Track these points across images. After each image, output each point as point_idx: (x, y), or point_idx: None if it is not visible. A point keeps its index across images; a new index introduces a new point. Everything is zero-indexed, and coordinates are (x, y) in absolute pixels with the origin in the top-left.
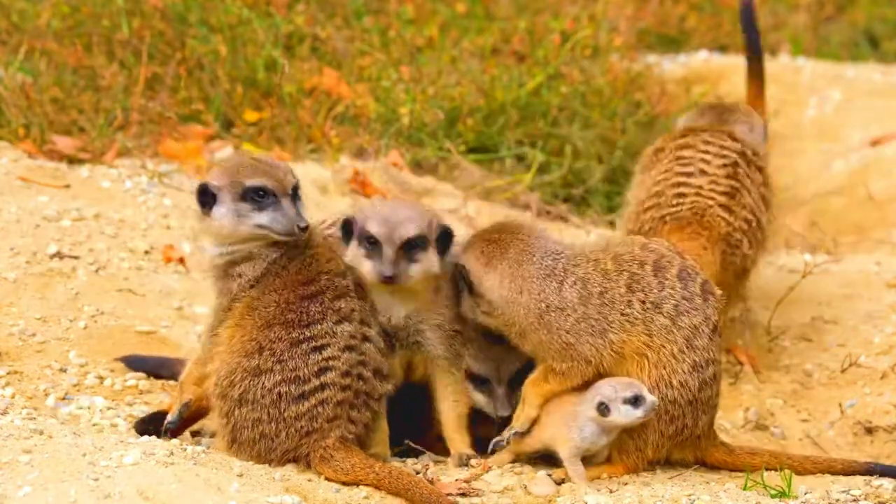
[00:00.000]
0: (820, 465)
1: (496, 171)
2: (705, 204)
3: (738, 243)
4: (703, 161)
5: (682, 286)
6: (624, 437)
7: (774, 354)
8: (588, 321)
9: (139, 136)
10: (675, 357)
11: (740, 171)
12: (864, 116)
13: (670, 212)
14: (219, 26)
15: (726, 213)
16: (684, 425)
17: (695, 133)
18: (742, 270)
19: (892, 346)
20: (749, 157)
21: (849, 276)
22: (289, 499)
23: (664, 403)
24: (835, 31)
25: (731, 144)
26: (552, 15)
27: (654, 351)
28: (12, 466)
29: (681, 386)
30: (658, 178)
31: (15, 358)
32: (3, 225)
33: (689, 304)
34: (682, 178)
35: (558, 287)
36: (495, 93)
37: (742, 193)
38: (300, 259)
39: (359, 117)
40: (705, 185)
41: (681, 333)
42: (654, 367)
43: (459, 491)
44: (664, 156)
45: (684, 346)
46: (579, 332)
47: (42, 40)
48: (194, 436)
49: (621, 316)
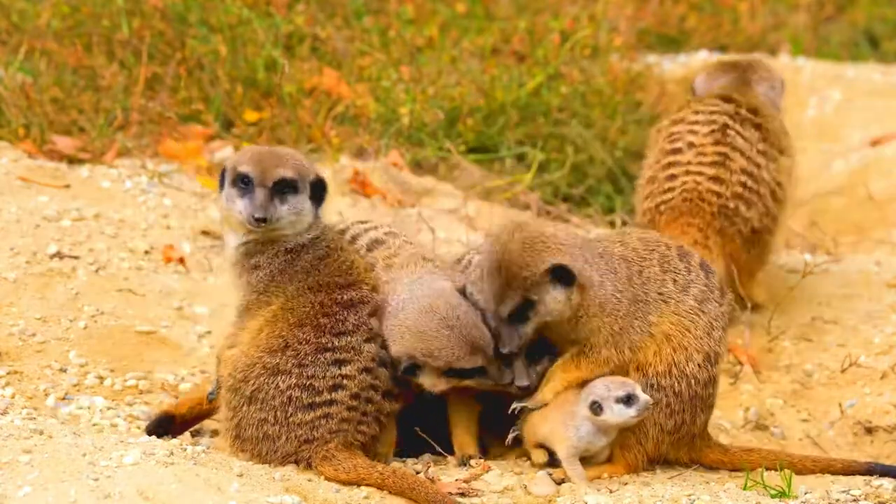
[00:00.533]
0: (819, 464)
1: (496, 171)
2: (694, 183)
3: (735, 211)
4: (691, 133)
5: (705, 276)
6: (625, 433)
7: (774, 354)
8: (636, 304)
9: (139, 136)
10: (697, 341)
11: (730, 132)
12: (864, 116)
13: (663, 199)
14: (219, 26)
15: (717, 185)
16: (683, 421)
17: (689, 104)
18: (752, 235)
19: (892, 346)
20: (743, 115)
21: (849, 276)
22: (289, 499)
23: (668, 395)
24: (835, 31)
25: (721, 107)
26: (552, 15)
27: (680, 332)
28: (12, 466)
29: (691, 376)
30: (651, 162)
31: (15, 358)
32: (3, 225)
33: (711, 295)
34: (672, 156)
35: (612, 271)
36: (495, 93)
37: (732, 157)
38: (335, 259)
39: (359, 117)
40: (693, 160)
41: (704, 319)
42: (673, 350)
43: (459, 490)
44: (661, 136)
45: (704, 334)
46: (632, 317)
47: (42, 40)
48: (194, 436)
49: (658, 295)
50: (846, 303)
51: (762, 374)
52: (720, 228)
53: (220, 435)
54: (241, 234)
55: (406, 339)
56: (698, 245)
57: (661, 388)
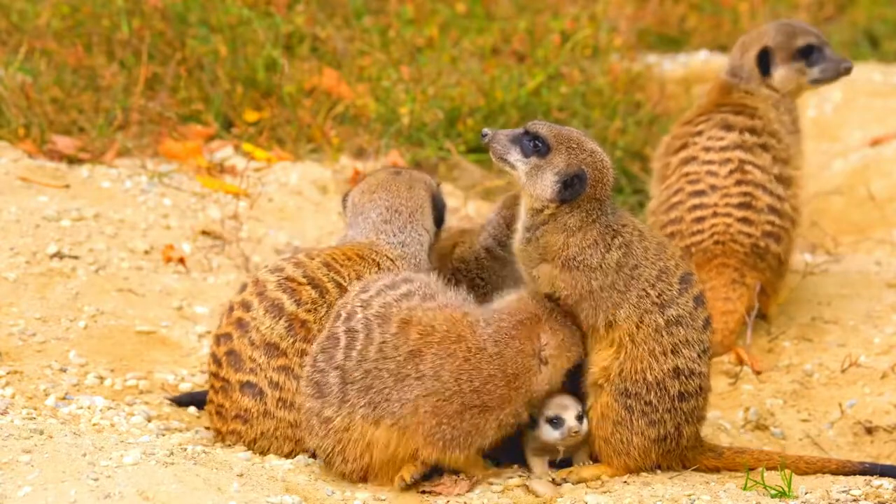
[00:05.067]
0: (814, 464)
1: (496, 171)
2: (724, 225)
3: (766, 249)
4: (710, 174)
5: (694, 306)
6: (615, 437)
7: (774, 354)
8: (613, 285)
9: (139, 136)
10: (660, 356)
11: (747, 168)
12: (864, 116)
13: (693, 241)
14: (219, 26)
15: (746, 226)
16: (667, 433)
17: (690, 131)
18: (778, 262)
19: (892, 346)
20: (749, 144)
21: (849, 276)
22: (289, 499)
23: (641, 404)
24: (835, 31)
25: (728, 139)
26: (552, 15)
27: (642, 342)
28: (12, 466)
29: (660, 387)
30: (672, 199)
31: (15, 358)
32: (3, 225)
33: (692, 323)
34: (696, 198)
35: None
36: (495, 93)
37: (756, 195)
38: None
39: (359, 117)
40: (720, 202)
41: (669, 339)
42: (633, 360)
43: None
44: (671, 170)
45: (668, 351)
46: (610, 288)
47: (42, 40)
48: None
49: (636, 296)
50: (846, 303)
51: (762, 374)
52: (753, 265)
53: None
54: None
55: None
56: (736, 283)
57: (632, 395)
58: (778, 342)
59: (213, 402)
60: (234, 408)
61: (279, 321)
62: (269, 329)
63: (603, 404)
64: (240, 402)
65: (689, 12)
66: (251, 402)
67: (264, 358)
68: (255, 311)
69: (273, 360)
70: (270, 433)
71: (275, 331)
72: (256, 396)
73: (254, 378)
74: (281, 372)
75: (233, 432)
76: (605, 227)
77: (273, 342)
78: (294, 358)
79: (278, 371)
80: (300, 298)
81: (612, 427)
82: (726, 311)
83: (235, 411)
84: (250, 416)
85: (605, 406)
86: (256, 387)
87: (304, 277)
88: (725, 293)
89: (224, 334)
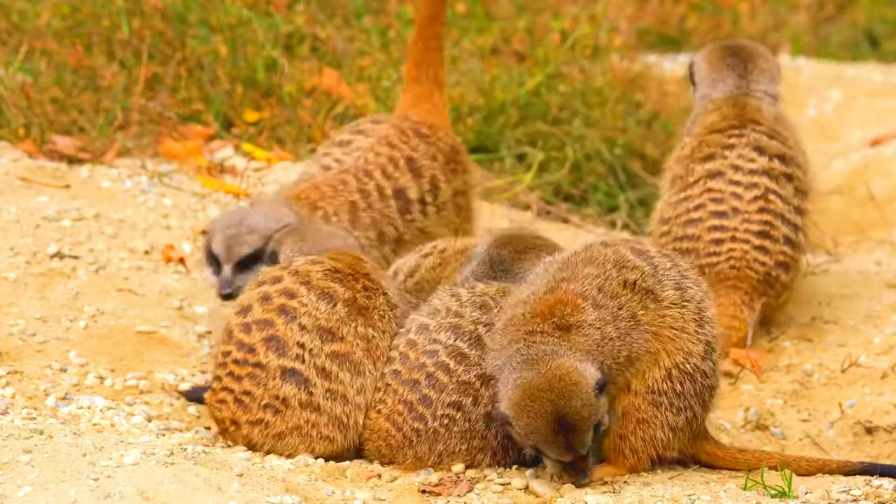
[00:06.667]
0: (814, 464)
1: (496, 171)
2: (742, 251)
3: (776, 278)
4: (735, 196)
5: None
6: (634, 431)
7: (774, 354)
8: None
9: (139, 136)
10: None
11: (771, 197)
12: (864, 116)
13: (709, 262)
14: (219, 26)
15: (762, 255)
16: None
17: (722, 142)
18: (783, 288)
19: (892, 346)
20: (776, 172)
21: (849, 276)
22: (289, 499)
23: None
24: (835, 31)
25: (758, 164)
26: (552, 15)
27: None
28: (12, 466)
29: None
30: (692, 214)
31: (15, 358)
32: (3, 225)
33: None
34: (717, 219)
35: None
36: (495, 93)
37: (775, 225)
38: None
39: (359, 117)
40: (740, 227)
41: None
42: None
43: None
44: (694, 178)
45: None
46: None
47: (42, 40)
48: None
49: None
50: (846, 303)
51: (762, 374)
52: (763, 291)
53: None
54: None
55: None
56: (744, 304)
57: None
58: (778, 342)
59: (231, 391)
60: (267, 395)
61: (335, 307)
62: (326, 314)
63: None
64: (278, 389)
65: (689, 12)
66: (293, 389)
67: (318, 342)
68: (304, 298)
69: (326, 345)
70: (307, 429)
71: (333, 315)
72: (301, 385)
73: (300, 366)
74: (334, 360)
75: (257, 422)
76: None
77: (328, 327)
78: (355, 341)
79: (331, 358)
80: (355, 286)
81: (635, 425)
82: (731, 327)
83: (268, 399)
84: (287, 405)
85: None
86: (301, 375)
87: (349, 269)
88: (733, 312)
89: (261, 321)
